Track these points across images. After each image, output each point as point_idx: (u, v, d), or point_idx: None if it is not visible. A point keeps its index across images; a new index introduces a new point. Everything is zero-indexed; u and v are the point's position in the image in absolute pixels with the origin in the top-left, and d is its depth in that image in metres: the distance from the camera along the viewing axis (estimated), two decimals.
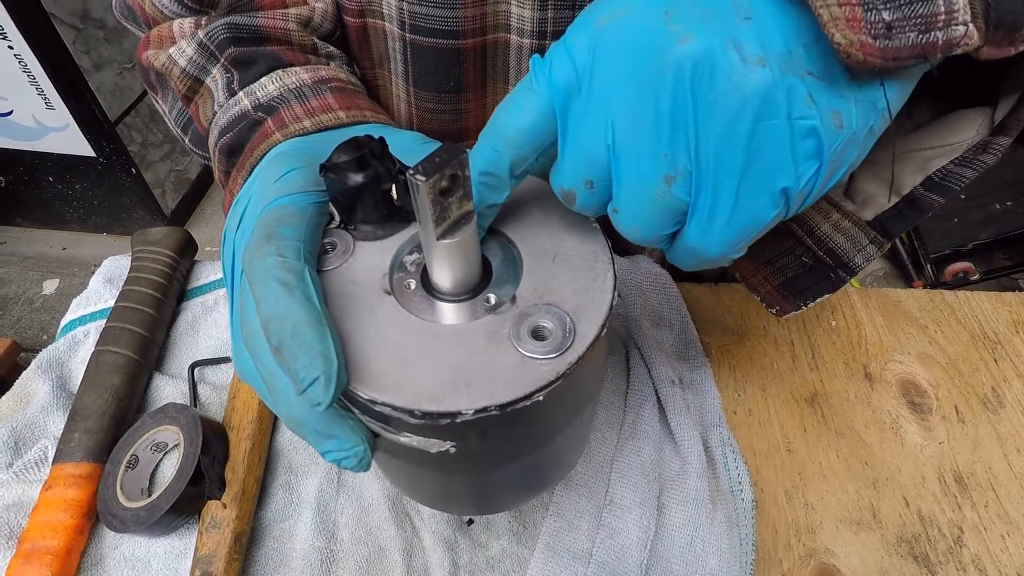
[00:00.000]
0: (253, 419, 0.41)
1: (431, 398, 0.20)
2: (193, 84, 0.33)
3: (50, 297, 1.66)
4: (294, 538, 0.38)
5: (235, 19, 0.33)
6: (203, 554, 0.36)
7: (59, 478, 0.38)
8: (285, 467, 0.41)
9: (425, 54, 0.37)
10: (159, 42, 0.34)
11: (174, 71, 0.33)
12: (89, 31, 1.41)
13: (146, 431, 0.40)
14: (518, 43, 0.36)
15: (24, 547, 0.35)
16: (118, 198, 1.69)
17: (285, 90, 0.31)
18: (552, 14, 0.34)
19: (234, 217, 0.26)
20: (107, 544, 0.37)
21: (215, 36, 0.32)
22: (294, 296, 0.20)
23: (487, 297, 0.24)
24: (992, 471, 0.43)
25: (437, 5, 0.34)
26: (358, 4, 0.37)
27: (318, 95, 0.30)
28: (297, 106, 0.29)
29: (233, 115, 0.31)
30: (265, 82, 0.31)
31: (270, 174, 0.26)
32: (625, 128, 0.19)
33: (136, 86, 1.59)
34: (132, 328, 0.45)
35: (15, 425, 0.41)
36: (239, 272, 0.23)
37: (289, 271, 0.21)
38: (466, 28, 0.35)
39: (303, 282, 0.21)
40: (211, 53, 0.33)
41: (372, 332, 0.22)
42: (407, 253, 0.25)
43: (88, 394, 0.41)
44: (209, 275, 0.53)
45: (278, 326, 0.20)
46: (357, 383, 0.21)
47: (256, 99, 0.31)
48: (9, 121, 1.48)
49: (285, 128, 0.28)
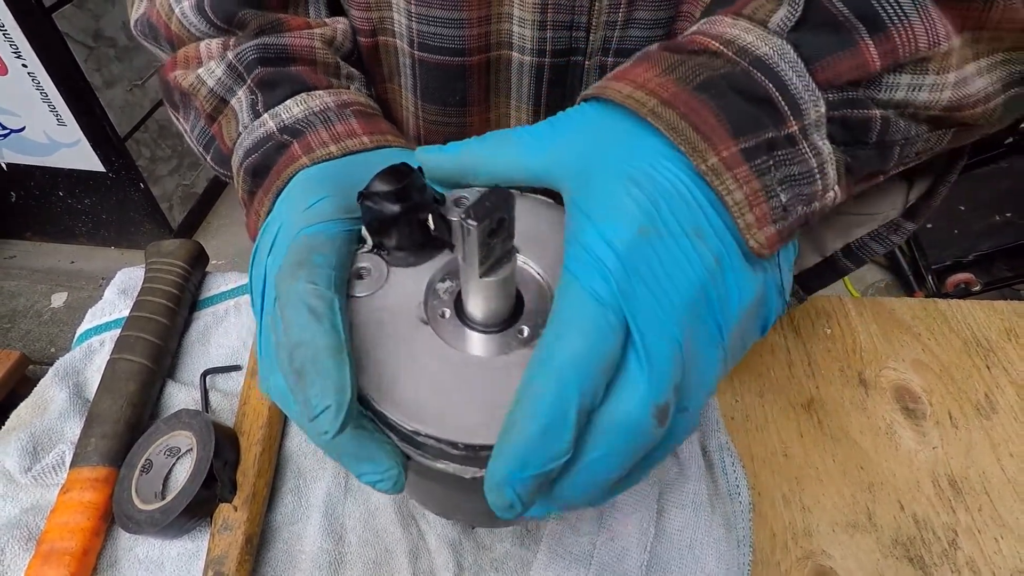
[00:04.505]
0: (263, 425, 0.42)
1: (473, 432, 0.21)
2: (219, 104, 0.35)
3: (58, 310, 1.68)
4: (303, 540, 0.39)
5: (264, 40, 0.34)
6: (215, 555, 0.37)
7: (76, 481, 0.39)
8: (294, 472, 0.42)
9: (432, 70, 0.38)
10: (186, 62, 0.36)
11: (201, 91, 0.34)
12: (101, 49, 1.45)
13: (160, 436, 0.41)
14: (519, 60, 0.37)
15: (43, 548, 0.36)
16: (126, 212, 1.72)
17: (310, 113, 0.32)
18: (551, 34, 0.35)
19: (265, 241, 0.27)
20: (122, 546, 0.39)
21: (244, 57, 0.34)
22: (321, 323, 0.21)
23: (520, 329, 0.24)
24: (985, 475, 0.44)
25: (444, 25, 0.36)
26: (370, 24, 0.39)
27: (343, 119, 0.31)
28: (323, 130, 0.30)
29: (258, 137, 0.32)
30: (290, 104, 0.32)
31: (300, 201, 0.27)
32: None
33: (145, 103, 1.62)
34: (146, 337, 0.46)
35: (33, 431, 0.42)
36: (270, 295, 0.24)
37: (319, 298, 0.22)
38: (471, 46, 0.37)
39: (331, 310, 0.22)
40: (239, 74, 0.34)
41: (410, 361, 0.23)
42: (440, 280, 0.25)
43: (104, 400, 0.43)
44: (220, 286, 0.54)
45: (301, 352, 0.21)
46: (399, 412, 0.21)
47: (281, 121, 0.32)
48: (21, 137, 1.51)
49: (312, 152, 0.29)
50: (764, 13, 0.24)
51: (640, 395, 0.19)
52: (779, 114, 0.22)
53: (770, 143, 0.22)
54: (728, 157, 0.21)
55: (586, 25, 0.35)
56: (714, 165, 0.21)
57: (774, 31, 0.23)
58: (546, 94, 0.39)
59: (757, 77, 0.22)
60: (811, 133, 0.22)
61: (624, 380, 0.19)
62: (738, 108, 0.22)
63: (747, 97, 0.22)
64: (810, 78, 0.22)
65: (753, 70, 0.22)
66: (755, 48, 0.23)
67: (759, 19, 0.24)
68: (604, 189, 0.21)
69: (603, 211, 0.21)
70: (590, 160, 0.23)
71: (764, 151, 0.22)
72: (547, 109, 0.40)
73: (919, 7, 0.22)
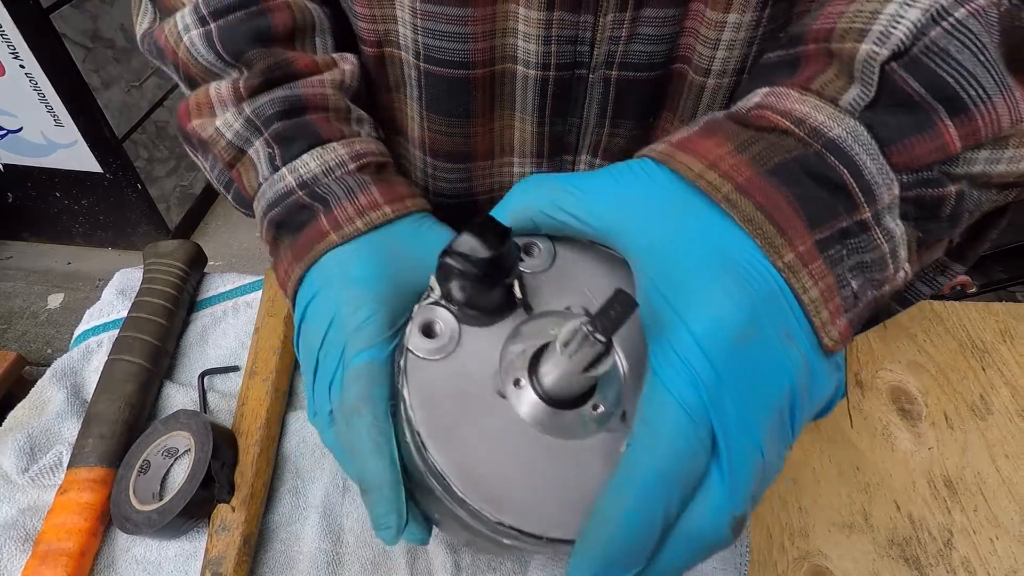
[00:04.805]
0: (261, 426, 0.42)
1: (559, 526, 0.20)
2: (237, 154, 0.36)
3: (55, 311, 1.67)
4: (301, 541, 0.39)
5: (277, 93, 0.36)
6: (213, 556, 0.37)
7: (74, 482, 0.39)
8: (292, 472, 0.42)
9: (437, 82, 0.39)
10: (199, 110, 0.37)
11: (220, 143, 0.36)
12: (99, 50, 1.44)
13: (158, 437, 0.41)
14: (524, 73, 0.38)
15: (40, 549, 0.36)
16: (123, 213, 1.71)
17: (326, 168, 0.34)
18: (556, 48, 0.36)
19: (316, 328, 0.30)
20: (119, 547, 0.39)
21: (262, 113, 0.35)
22: (382, 460, 0.25)
23: (595, 404, 0.23)
24: (980, 476, 0.44)
25: (450, 39, 0.36)
26: (376, 35, 0.39)
27: (364, 189, 0.33)
28: (348, 204, 0.32)
29: (279, 191, 0.34)
30: (306, 159, 0.34)
31: (348, 308, 0.29)
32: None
33: (143, 104, 1.62)
34: (144, 337, 0.46)
35: (31, 432, 0.42)
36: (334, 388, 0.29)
37: (380, 434, 0.26)
38: (476, 60, 0.37)
39: (390, 444, 0.26)
40: (256, 128, 0.36)
41: (491, 442, 0.22)
42: (512, 342, 0.24)
43: (102, 401, 0.43)
44: (218, 287, 0.54)
45: (366, 478, 0.26)
46: (485, 503, 0.20)
47: (299, 176, 0.34)
48: (19, 138, 1.51)
49: (340, 230, 0.32)
50: (834, 90, 0.23)
51: (720, 507, 0.19)
52: (853, 201, 0.21)
53: (843, 231, 0.21)
54: (804, 252, 0.21)
55: (590, 40, 0.35)
56: (791, 262, 0.21)
57: (846, 110, 0.22)
58: (550, 106, 0.39)
59: (831, 161, 0.22)
60: (883, 217, 0.22)
61: (706, 491, 0.20)
62: (813, 196, 0.21)
63: (820, 182, 0.21)
64: (884, 161, 0.21)
65: (827, 153, 0.22)
66: (828, 129, 0.22)
67: (829, 96, 0.23)
68: (694, 281, 0.21)
69: (696, 310, 0.20)
70: (668, 237, 0.22)
71: (837, 240, 0.21)
72: (551, 121, 0.40)
73: (1001, 86, 0.21)
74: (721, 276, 0.21)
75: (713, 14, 0.32)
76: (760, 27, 0.33)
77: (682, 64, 0.36)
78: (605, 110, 0.39)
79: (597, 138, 0.41)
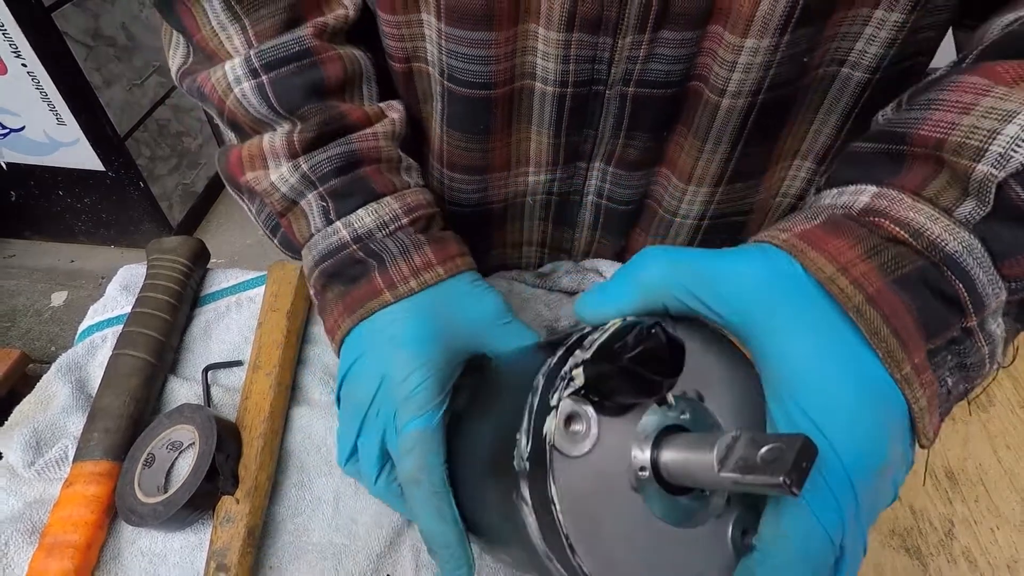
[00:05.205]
0: (265, 419, 0.43)
1: None
2: (290, 205, 0.38)
3: (58, 309, 1.68)
4: (309, 533, 0.39)
5: (333, 151, 0.37)
6: (218, 547, 0.37)
7: (79, 475, 0.39)
8: (297, 467, 0.42)
9: (460, 101, 0.39)
10: (251, 163, 0.38)
11: (275, 195, 0.37)
12: (100, 48, 1.45)
13: (162, 430, 0.41)
14: (542, 90, 0.38)
15: (46, 541, 0.37)
16: (126, 211, 1.72)
17: (380, 224, 0.36)
18: (574, 67, 0.36)
19: (365, 387, 0.32)
20: (125, 539, 0.39)
21: (319, 170, 0.36)
22: (445, 523, 0.29)
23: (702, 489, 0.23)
24: (982, 467, 0.44)
25: (472, 61, 0.37)
26: (404, 52, 0.39)
27: (418, 249, 0.35)
28: (403, 264, 0.34)
29: (332, 244, 0.36)
30: (361, 214, 0.36)
31: (399, 371, 0.31)
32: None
33: (144, 102, 1.62)
34: (148, 332, 0.46)
35: (36, 426, 0.43)
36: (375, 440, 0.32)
37: (442, 501, 0.30)
38: (497, 80, 0.38)
39: (452, 508, 0.30)
40: (312, 183, 0.37)
41: (626, 539, 0.21)
42: (640, 427, 0.23)
43: (106, 396, 0.43)
44: (221, 283, 0.54)
45: (433, 540, 0.30)
46: None
47: (354, 231, 0.36)
48: (21, 136, 1.51)
49: (395, 290, 0.34)
50: (948, 200, 0.23)
51: None
52: (963, 312, 0.22)
53: (951, 340, 0.22)
54: (919, 364, 0.21)
55: (608, 59, 0.36)
56: (907, 374, 0.21)
57: (960, 222, 0.22)
58: (567, 120, 0.40)
59: (948, 276, 0.22)
60: (987, 322, 0.23)
61: None
62: (931, 308, 0.22)
63: (936, 294, 0.22)
64: (995, 272, 0.22)
65: (945, 268, 0.22)
66: (944, 244, 0.22)
67: (943, 206, 0.23)
68: (842, 409, 0.21)
69: (847, 441, 0.20)
70: (804, 348, 0.22)
71: (945, 348, 0.22)
72: (567, 132, 0.40)
73: None
74: (866, 404, 0.21)
75: (732, 37, 0.33)
76: (778, 52, 0.33)
77: (698, 82, 0.37)
78: (621, 123, 0.39)
79: (612, 148, 0.41)
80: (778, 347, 0.22)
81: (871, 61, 0.34)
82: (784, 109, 0.38)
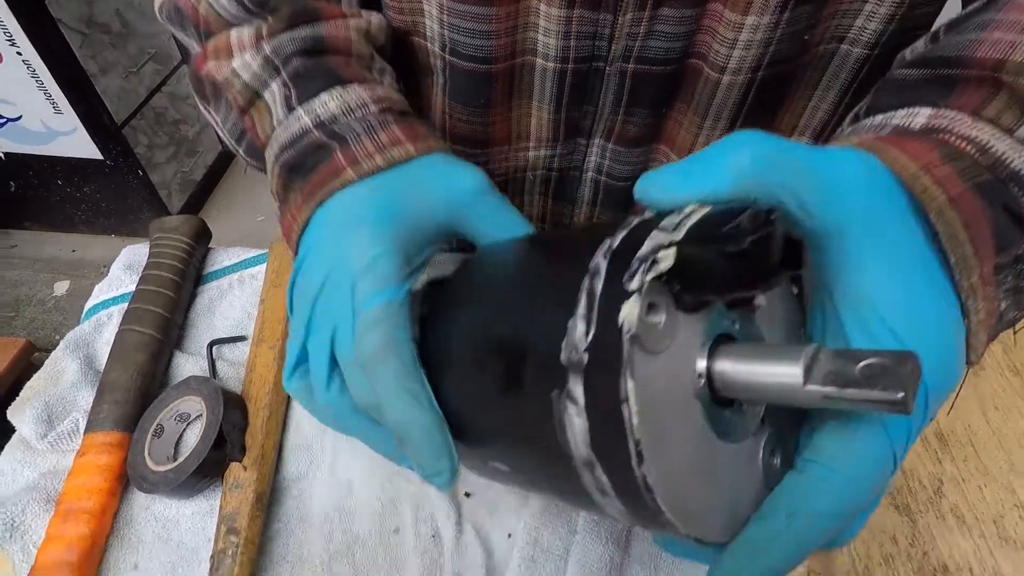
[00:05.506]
0: (269, 391, 0.44)
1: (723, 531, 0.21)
2: (252, 97, 0.34)
3: (61, 298, 1.69)
4: (312, 496, 0.40)
5: (299, 32, 0.34)
6: (228, 512, 0.38)
7: (91, 446, 0.40)
8: (300, 435, 0.44)
9: (461, 75, 0.40)
10: (216, 54, 0.35)
11: (236, 84, 0.34)
12: (95, 36, 1.44)
13: (170, 402, 0.42)
14: (542, 65, 0.39)
15: (62, 508, 0.38)
16: (125, 200, 1.72)
17: (346, 108, 0.31)
18: (575, 43, 0.37)
19: (315, 274, 0.27)
20: (138, 506, 0.40)
21: (282, 50, 0.33)
22: (420, 406, 0.24)
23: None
24: (971, 428, 0.45)
25: (474, 36, 0.37)
26: (404, 25, 0.40)
27: (385, 127, 0.31)
28: (367, 140, 0.30)
29: (294, 132, 0.32)
30: (325, 99, 0.32)
31: (356, 249, 0.27)
32: None
33: (141, 90, 1.62)
34: (154, 309, 0.47)
35: (47, 400, 0.44)
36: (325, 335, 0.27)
37: (412, 380, 0.25)
38: (498, 55, 0.38)
39: (424, 387, 0.25)
40: (275, 67, 0.34)
41: (682, 449, 0.20)
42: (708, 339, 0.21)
43: (114, 370, 0.44)
44: (223, 261, 0.55)
45: (405, 429, 0.24)
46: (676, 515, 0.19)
47: (316, 116, 0.31)
48: (18, 126, 1.51)
49: (357, 166, 0.29)
50: (1009, 121, 0.23)
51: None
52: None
53: (1016, 258, 0.22)
54: (986, 275, 0.21)
55: (608, 36, 0.36)
56: (974, 283, 0.21)
57: (1022, 141, 0.22)
58: (567, 95, 0.40)
59: (1014, 192, 0.22)
60: None
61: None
62: (1002, 221, 0.21)
63: (1006, 209, 0.22)
64: None
65: (1011, 184, 0.22)
66: (1010, 160, 0.22)
67: (1005, 126, 0.23)
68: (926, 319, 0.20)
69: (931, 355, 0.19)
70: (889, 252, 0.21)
71: (1008, 267, 0.21)
72: (567, 108, 0.41)
73: None
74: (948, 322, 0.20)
75: (732, 15, 0.33)
76: (778, 29, 0.33)
77: (697, 60, 0.37)
78: (620, 99, 0.40)
79: (611, 124, 0.42)
80: (864, 254, 0.21)
81: (870, 37, 0.35)
82: (784, 85, 0.38)
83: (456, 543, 0.38)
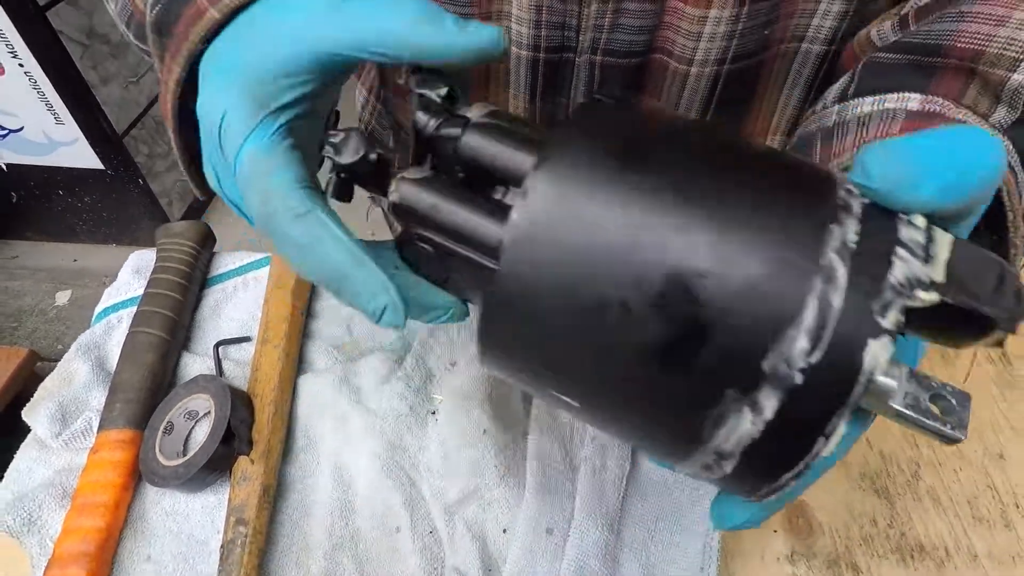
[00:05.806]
0: (274, 388, 0.45)
1: None
2: None
3: (63, 308, 1.71)
4: (316, 491, 0.42)
5: None
6: (236, 503, 0.40)
7: (104, 443, 0.42)
8: (304, 430, 0.45)
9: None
10: None
11: None
12: (95, 47, 1.46)
13: (180, 400, 0.44)
14: (517, 54, 0.41)
15: (78, 502, 0.40)
16: (126, 209, 1.74)
17: None
18: (545, 32, 0.39)
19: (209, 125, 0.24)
20: (150, 500, 0.42)
21: None
22: (337, 240, 0.21)
23: None
24: None
25: None
26: None
27: None
28: None
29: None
30: None
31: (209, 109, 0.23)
32: None
33: (141, 99, 1.64)
34: (162, 311, 0.49)
35: (61, 400, 0.46)
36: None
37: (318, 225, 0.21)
38: None
39: (338, 223, 0.21)
40: None
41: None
42: None
43: (125, 370, 0.46)
44: (228, 265, 0.57)
45: (325, 279, 0.22)
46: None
47: None
48: (20, 137, 1.53)
49: (220, 2, 0.24)
50: (983, 108, 0.26)
51: None
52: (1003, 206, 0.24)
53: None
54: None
55: (576, 27, 0.38)
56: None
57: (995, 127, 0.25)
58: (541, 86, 0.42)
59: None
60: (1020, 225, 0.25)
61: None
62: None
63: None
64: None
65: None
66: None
67: (981, 112, 0.25)
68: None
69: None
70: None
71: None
72: (541, 98, 0.43)
73: None
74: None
75: (693, 10, 0.35)
76: (739, 22, 0.36)
77: (662, 55, 0.39)
78: (591, 91, 0.42)
79: None
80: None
81: (827, 34, 0.37)
82: (751, 81, 0.41)
83: (451, 539, 0.40)
